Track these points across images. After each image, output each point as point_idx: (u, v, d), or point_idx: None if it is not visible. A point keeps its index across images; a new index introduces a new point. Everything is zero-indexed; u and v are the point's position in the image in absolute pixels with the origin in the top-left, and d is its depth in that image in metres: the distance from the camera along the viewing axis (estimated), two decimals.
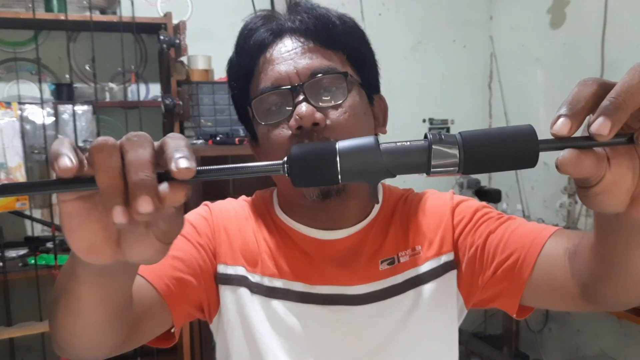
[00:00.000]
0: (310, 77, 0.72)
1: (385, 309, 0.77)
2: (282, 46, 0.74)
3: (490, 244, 0.75)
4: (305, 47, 0.74)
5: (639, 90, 0.39)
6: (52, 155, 0.37)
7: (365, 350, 0.77)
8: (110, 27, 2.35)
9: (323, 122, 0.71)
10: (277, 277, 0.78)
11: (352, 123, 0.73)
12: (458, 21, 3.28)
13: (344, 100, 0.73)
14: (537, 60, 2.98)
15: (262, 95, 0.73)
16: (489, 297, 0.77)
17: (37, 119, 2.27)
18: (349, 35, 0.77)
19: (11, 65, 2.49)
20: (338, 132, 0.71)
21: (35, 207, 2.47)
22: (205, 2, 2.72)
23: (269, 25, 0.76)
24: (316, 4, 0.77)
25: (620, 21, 2.49)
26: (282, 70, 0.73)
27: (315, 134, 0.71)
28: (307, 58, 0.73)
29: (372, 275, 0.78)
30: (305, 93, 0.71)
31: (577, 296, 0.66)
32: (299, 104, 0.71)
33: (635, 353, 2.51)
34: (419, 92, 3.20)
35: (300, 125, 0.70)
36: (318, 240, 0.79)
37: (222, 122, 2.57)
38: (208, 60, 2.64)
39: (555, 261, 0.68)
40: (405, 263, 0.79)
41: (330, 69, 0.73)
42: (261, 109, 0.74)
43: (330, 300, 0.77)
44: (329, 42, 0.74)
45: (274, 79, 0.73)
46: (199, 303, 0.77)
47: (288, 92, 0.72)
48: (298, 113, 0.70)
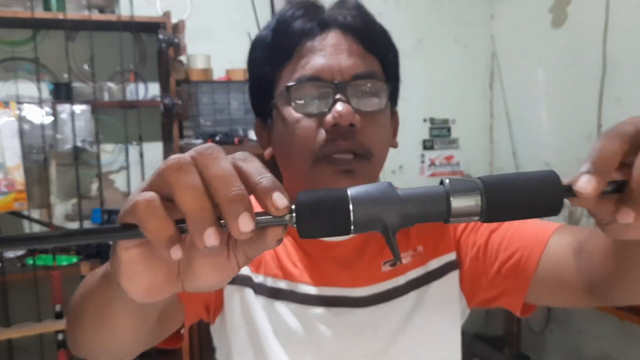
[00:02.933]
0: (353, 78, 0.70)
1: (388, 311, 0.77)
2: (328, 39, 0.72)
3: (492, 242, 0.75)
4: (351, 46, 0.72)
5: None
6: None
7: (368, 352, 0.76)
8: (109, 26, 2.34)
9: (359, 126, 0.69)
10: (280, 278, 0.77)
11: (381, 133, 0.73)
12: (459, 20, 3.27)
13: (379, 109, 0.72)
14: (538, 59, 2.97)
15: (301, 82, 0.71)
16: (493, 296, 0.77)
17: (36, 119, 2.27)
18: (387, 44, 0.76)
19: (9, 65, 2.48)
20: (370, 140, 0.70)
21: (34, 207, 2.46)
22: (204, 2, 2.71)
23: (313, 14, 0.74)
24: (361, 4, 0.76)
25: (622, 20, 2.48)
26: (325, 62, 0.71)
27: (350, 134, 0.69)
28: (352, 57, 0.71)
29: (374, 277, 0.77)
30: (347, 92, 0.70)
31: (582, 292, 0.66)
32: (339, 101, 0.69)
33: (636, 354, 2.50)
34: (420, 91, 3.19)
35: (337, 123, 0.68)
36: (321, 242, 0.78)
37: (221, 122, 2.57)
38: (207, 59, 2.63)
39: (560, 258, 0.68)
40: (407, 264, 0.79)
41: (374, 74, 0.72)
42: (295, 96, 0.72)
43: (333, 302, 0.76)
44: (371, 47, 0.73)
45: (316, 69, 0.70)
46: (208, 302, 0.77)
47: (329, 87, 0.70)
48: (338, 111, 0.68)
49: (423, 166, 3.30)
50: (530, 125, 3.05)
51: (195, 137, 2.53)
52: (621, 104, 2.52)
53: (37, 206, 2.50)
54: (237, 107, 2.52)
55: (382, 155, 0.74)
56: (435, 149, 3.32)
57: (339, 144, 0.69)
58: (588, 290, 0.66)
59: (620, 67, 2.51)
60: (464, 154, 3.38)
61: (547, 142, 2.95)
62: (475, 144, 3.39)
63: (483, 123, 3.41)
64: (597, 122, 2.63)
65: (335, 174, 0.70)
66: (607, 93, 2.58)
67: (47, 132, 2.28)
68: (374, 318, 0.76)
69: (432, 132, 3.30)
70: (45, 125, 2.27)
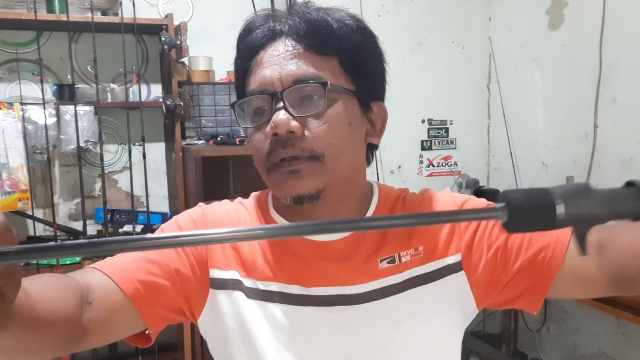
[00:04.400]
0: (293, 84, 0.71)
1: (384, 307, 0.76)
2: (273, 49, 0.73)
3: (512, 244, 0.75)
4: (294, 53, 0.72)
5: None
6: None
7: (364, 349, 0.76)
8: (112, 28, 2.37)
9: (299, 131, 0.70)
10: (272, 281, 0.77)
11: (331, 133, 0.72)
12: (457, 22, 3.29)
13: (322, 110, 0.71)
14: (535, 61, 3.00)
15: (246, 97, 0.74)
16: (513, 296, 0.78)
17: (39, 120, 2.28)
18: (344, 40, 0.74)
19: (13, 66, 2.50)
20: (315, 142, 0.71)
21: (37, 207, 2.48)
22: (206, 4, 2.74)
23: (264, 26, 0.75)
24: (315, 7, 0.75)
25: (619, 22, 2.50)
26: (267, 74, 0.72)
27: (290, 142, 0.70)
28: (293, 64, 0.72)
29: (371, 274, 0.76)
30: (284, 100, 0.71)
31: (605, 285, 0.71)
32: (277, 111, 0.71)
33: (633, 352, 2.53)
34: (418, 92, 3.22)
35: (276, 132, 0.70)
36: (313, 242, 0.78)
37: (222, 123, 2.59)
38: (209, 61, 2.66)
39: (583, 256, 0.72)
40: (407, 263, 0.78)
41: (314, 77, 0.71)
42: (248, 110, 0.75)
43: (327, 301, 0.76)
44: (320, 48, 0.73)
45: (259, 82, 0.73)
46: (176, 306, 0.77)
47: (269, 98, 0.72)
48: (274, 120, 0.70)
49: (421, 166, 3.33)
50: (527, 125, 3.08)
51: (197, 138, 2.56)
52: (617, 105, 2.55)
53: (40, 206, 2.52)
54: None
55: (340, 155, 0.73)
56: (434, 150, 3.34)
57: (279, 152, 0.71)
58: (612, 284, 0.70)
59: (616, 69, 2.53)
60: (461, 155, 3.40)
61: (543, 142, 2.98)
62: (472, 144, 3.42)
63: (481, 124, 3.44)
64: (593, 123, 2.66)
65: (282, 175, 0.72)
66: (603, 94, 2.60)
67: (51, 133, 2.29)
68: (370, 314, 0.76)
69: (430, 132, 3.33)
70: (49, 125, 2.28)
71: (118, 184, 2.71)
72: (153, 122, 2.63)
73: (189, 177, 2.41)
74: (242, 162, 2.67)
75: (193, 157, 2.33)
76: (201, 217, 0.82)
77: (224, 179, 2.73)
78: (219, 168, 2.66)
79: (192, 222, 0.81)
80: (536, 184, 3.04)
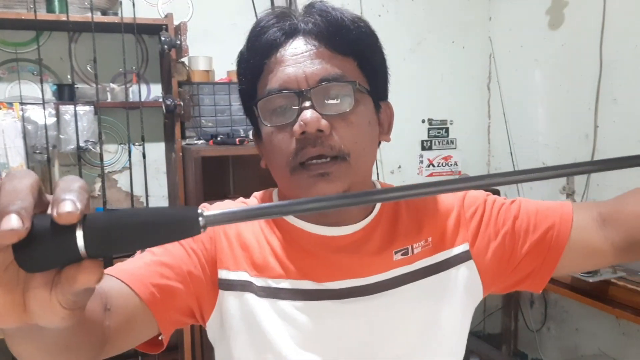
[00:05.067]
0: (319, 83, 0.71)
1: (398, 296, 0.78)
2: (294, 48, 0.73)
3: (519, 228, 0.80)
4: (316, 52, 0.73)
5: None
6: None
7: (381, 338, 0.77)
8: (112, 28, 2.36)
9: (328, 130, 0.70)
10: (284, 278, 0.77)
11: (357, 133, 0.73)
12: (457, 22, 3.29)
13: (349, 110, 0.72)
14: (535, 60, 3.00)
15: (269, 96, 0.73)
16: (520, 278, 0.82)
17: (39, 120, 2.28)
18: (362, 41, 0.75)
19: (13, 66, 2.50)
20: (342, 142, 0.71)
21: None
22: (206, 4, 2.73)
23: (282, 24, 0.74)
24: (331, 6, 0.75)
25: (619, 22, 2.50)
26: (291, 72, 0.72)
27: (319, 140, 0.71)
28: (317, 63, 0.72)
29: (385, 265, 0.78)
30: (312, 99, 0.71)
31: (612, 255, 0.77)
32: (305, 109, 0.70)
33: (633, 352, 2.53)
34: (419, 92, 3.22)
35: (304, 131, 0.70)
36: (323, 237, 0.78)
37: (222, 123, 2.59)
38: (209, 61, 2.66)
39: (587, 230, 0.78)
40: (418, 254, 0.80)
41: (340, 76, 0.72)
42: (267, 109, 0.74)
43: (342, 294, 0.76)
44: (341, 48, 0.73)
45: (283, 81, 0.72)
46: (188, 309, 0.76)
47: (295, 96, 0.71)
48: (303, 119, 0.70)
49: (421, 166, 3.33)
50: (528, 125, 3.08)
51: (197, 138, 2.56)
52: (617, 105, 2.55)
53: None
54: (239, 108, 2.54)
55: (363, 154, 0.74)
56: (434, 149, 3.34)
57: (308, 151, 0.71)
58: (619, 253, 0.76)
59: (616, 69, 2.53)
60: (461, 154, 3.40)
61: (544, 142, 2.98)
62: (473, 144, 3.42)
63: (481, 124, 3.43)
64: (593, 123, 2.66)
65: (311, 179, 0.71)
66: (603, 94, 2.60)
67: (51, 133, 2.29)
68: (384, 303, 0.77)
69: (431, 132, 3.33)
70: (49, 125, 2.28)
71: (118, 184, 2.70)
72: (153, 122, 2.63)
73: (189, 177, 2.41)
74: (242, 162, 2.67)
75: (193, 157, 2.33)
76: None
77: (224, 179, 2.73)
78: (219, 168, 2.66)
79: None
80: (536, 184, 3.04)
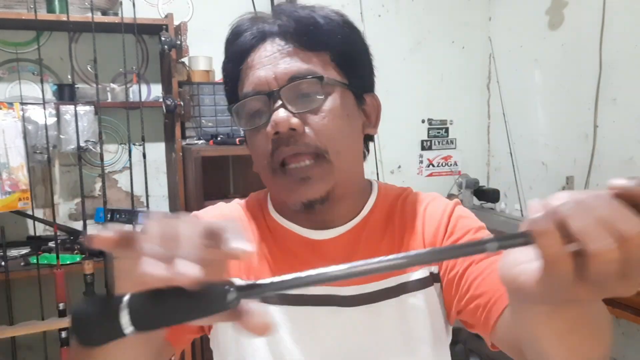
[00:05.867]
0: (288, 82, 0.71)
1: (379, 311, 0.76)
2: (263, 51, 0.73)
3: (469, 274, 0.73)
4: (285, 51, 0.73)
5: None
6: None
7: (358, 351, 0.76)
8: (112, 28, 2.36)
9: (300, 128, 0.71)
10: None
11: (332, 127, 0.72)
12: (457, 22, 3.29)
13: (320, 105, 0.72)
14: (535, 61, 3.00)
15: (243, 100, 0.74)
16: (466, 323, 0.76)
17: (39, 120, 2.28)
18: (333, 35, 0.75)
19: (13, 66, 2.50)
20: (317, 138, 0.71)
21: (38, 206, 2.48)
22: (206, 4, 2.74)
23: (252, 29, 0.75)
24: (299, 5, 0.76)
25: (618, 22, 2.51)
26: (261, 75, 0.72)
27: (292, 139, 0.71)
28: (286, 62, 0.72)
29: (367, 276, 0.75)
30: (282, 98, 0.71)
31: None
32: (276, 109, 0.71)
33: (633, 352, 2.53)
34: (418, 92, 3.22)
35: (277, 131, 0.70)
36: (311, 241, 0.78)
37: (222, 123, 2.59)
38: (209, 61, 2.66)
39: None
40: None
41: (308, 72, 0.72)
42: (243, 114, 0.75)
43: (322, 301, 0.76)
44: (310, 44, 0.73)
45: (254, 84, 0.73)
46: (199, 327, 0.78)
47: (266, 98, 0.72)
48: (274, 119, 0.70)
49: (421, 166, 3.33)
50: (527, 125, 3.08)
51: (197, 138, 2.56)
52: (617, 105, 2.55)
53: (40, 206, 2.52)
54: None
55: (343, 150, 0.73)
56: (434, 149, 3.34)
57: (282, 151, 0.71)
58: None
59: (616, 69, 2.53)
60: (461, 155, 3.41)
61: (543, 142, 2.98)
62: (472, 144, 3.42)
63: (480, 124, 3.44)
64: (593, 123, 2.66)
65: (291, 184, 0.72)
66: (603, 94, 2.60)
67: (51, 133, 2.29)
68: (364, 317, 0.76)
69: (430, 132, 3.33)
70: (49, 125, 2.28)
71: (118, 184, 2.71)
72: (153, 122, 2.63)
73: (189, 177, 2.41)
74: (242, 162, 2.67)
75: (193, 157, 2.33)
76: None
77: (224, 179, 2.73)
78: (219, 168, 2.66)
79: None
80: (536, 184, 3.04)
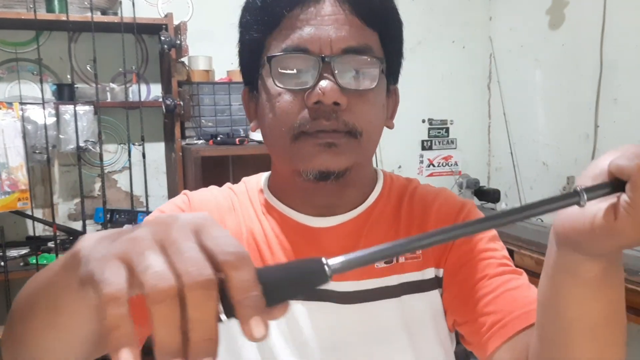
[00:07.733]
0: (344, 52, 0.65)
1: (374, 312, 0.71)
2: (321, 8, 0.65)
3: (479, 288, 0.68)
4: (345, 17, 0.65)
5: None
6: None
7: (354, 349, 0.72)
8: (112, 28, 2.36)
9: (345, 104, 0.64)
10: None
11: (372, 113, 0.68)
12: (457, 22, 3.29)
13: (369, 87, 0.66)
14: (536, 60, 2.99)
15: (286, 54, 0.66)
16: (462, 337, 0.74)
17: (39, 119, 2.28)
18: (388, 17, 0.69)
19: (12, 66, 2.50)
20: (357, 119, 0.66)
21: (37, 206, 2.48)
22: (205, 4, 2.73)
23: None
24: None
25: (619, 22, 2.50)
26: (314, 34, 0.65)
27: (334, 114, 0.64)
28: (344, 30, 0.65)
29: (366, 272, 0.71)
30: (334, 68, 0.64)
31: None
32: (324, 78, 0.64)
33: (633, 352, 2.52)
34: (419, 92, 3.21)
35: (319, 101, 0.64)
36: (310, 228, 0.73)
37: (222, 122, 2.59)
38: (209, 61, 2.65)
39: None
40: (403, 265, 0.72)
41: (367, 49, 0.66)
42: (279, 68, 0.66)
43: (319, 296, 0.71)
44: (370, 19, 0.67)
45: (303, 40, 0.65)
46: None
47: (315, 61, 0.64)
48: (322, 88, 0.63)
49: (421, 166, 3.32)
50: (528, 125, 3.07)
51: (196, 138, 2.56)
52: (618, 105, 2.54)
53: (40, 206, 2.52)
54: (238, 108, 2.54)
55: (373, 136, 0.69)
56: (434, 149, 3.34)
57: (320, 123, 0.65)
58: None
59: (617, 69, 2.53)
60: (462, 155, 3.40)
61: (544, 142, 2.98)
62: (473, 144, 3.42)
63: (481, 123, 3.43)
64: (594, 123, 2.65)
65: (316, 147, 0.65)
66: (604, 94, 2.60)
67: (50, 133, 2.29)
68: (358, 318, 0.71)
69: (431, 132, 3.32)
70: (48, 125, 2.28)
71: (118, 184, 2.70)
72: (153, 122, 2.63)
73: (189, 177, 2.41)
74: (242, 162, 2.66)
75: (193, 157, 2.32)
76: (187, 204, 0.77)
77: (224, 179, 2.67)
78: (218, 168, 2.66)
79: (178, 210, 0.75)
80: (536, 184, 3.04)
